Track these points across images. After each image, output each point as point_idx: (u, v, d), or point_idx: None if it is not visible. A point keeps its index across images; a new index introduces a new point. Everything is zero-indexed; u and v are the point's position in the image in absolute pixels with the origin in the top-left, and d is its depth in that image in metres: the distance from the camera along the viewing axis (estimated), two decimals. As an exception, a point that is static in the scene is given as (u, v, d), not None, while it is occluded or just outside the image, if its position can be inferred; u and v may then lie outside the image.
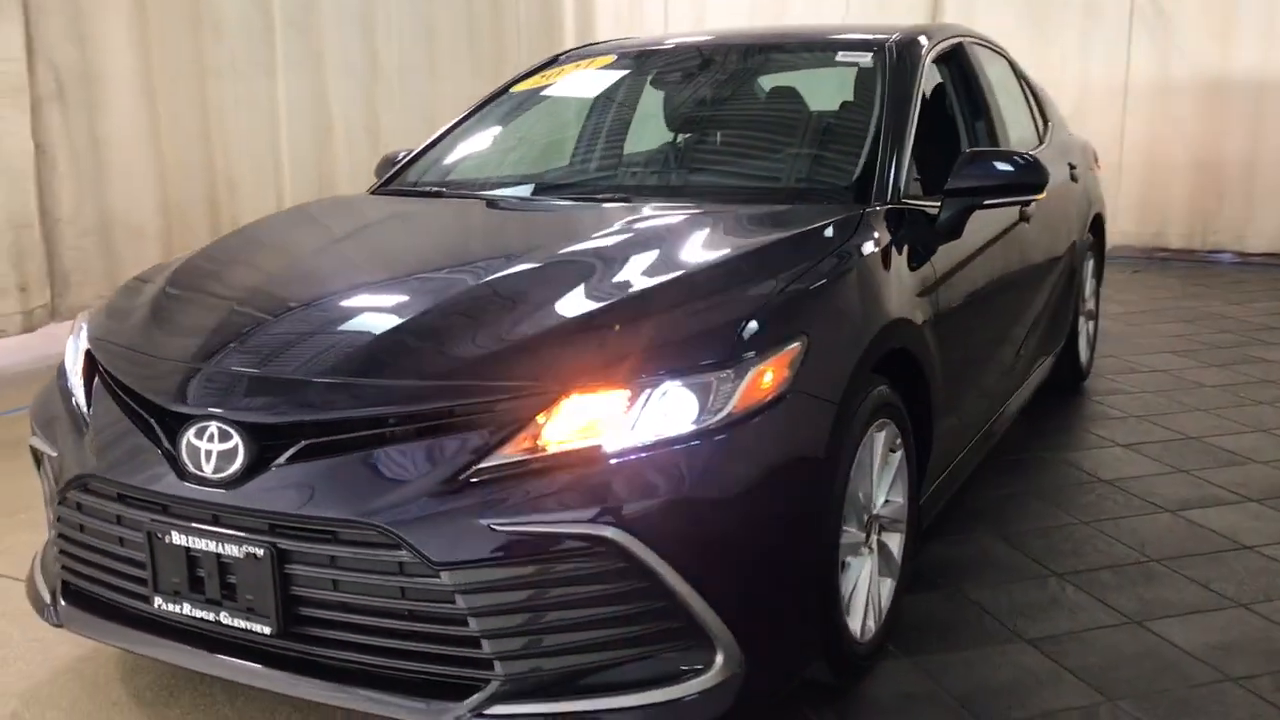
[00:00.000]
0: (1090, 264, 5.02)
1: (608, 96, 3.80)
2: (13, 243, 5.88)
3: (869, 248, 2.66)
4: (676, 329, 2.20)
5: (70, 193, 6.20)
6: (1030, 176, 3.03)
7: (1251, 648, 2.75)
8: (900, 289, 2.70)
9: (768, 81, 3.67)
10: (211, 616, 2.17)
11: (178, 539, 2.16)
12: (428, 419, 2.07)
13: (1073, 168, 4.57)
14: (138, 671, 2.69)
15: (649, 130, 3.60)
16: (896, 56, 3.39)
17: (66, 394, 2.52)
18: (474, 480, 2.00)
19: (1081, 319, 4.96)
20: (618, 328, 2.21)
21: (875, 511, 2.62)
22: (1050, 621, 2.89)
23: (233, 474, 2.10)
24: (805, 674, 2.41)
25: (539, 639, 2.01)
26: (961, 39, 3.90)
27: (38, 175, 6.06)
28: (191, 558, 2.15)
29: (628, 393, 2.06)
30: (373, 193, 3.53)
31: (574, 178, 3.55)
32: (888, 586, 2.74)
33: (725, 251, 2.61)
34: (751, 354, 2.14)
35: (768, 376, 2.15)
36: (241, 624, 2.14)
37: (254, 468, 2.09)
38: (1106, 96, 8.58)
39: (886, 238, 2.75)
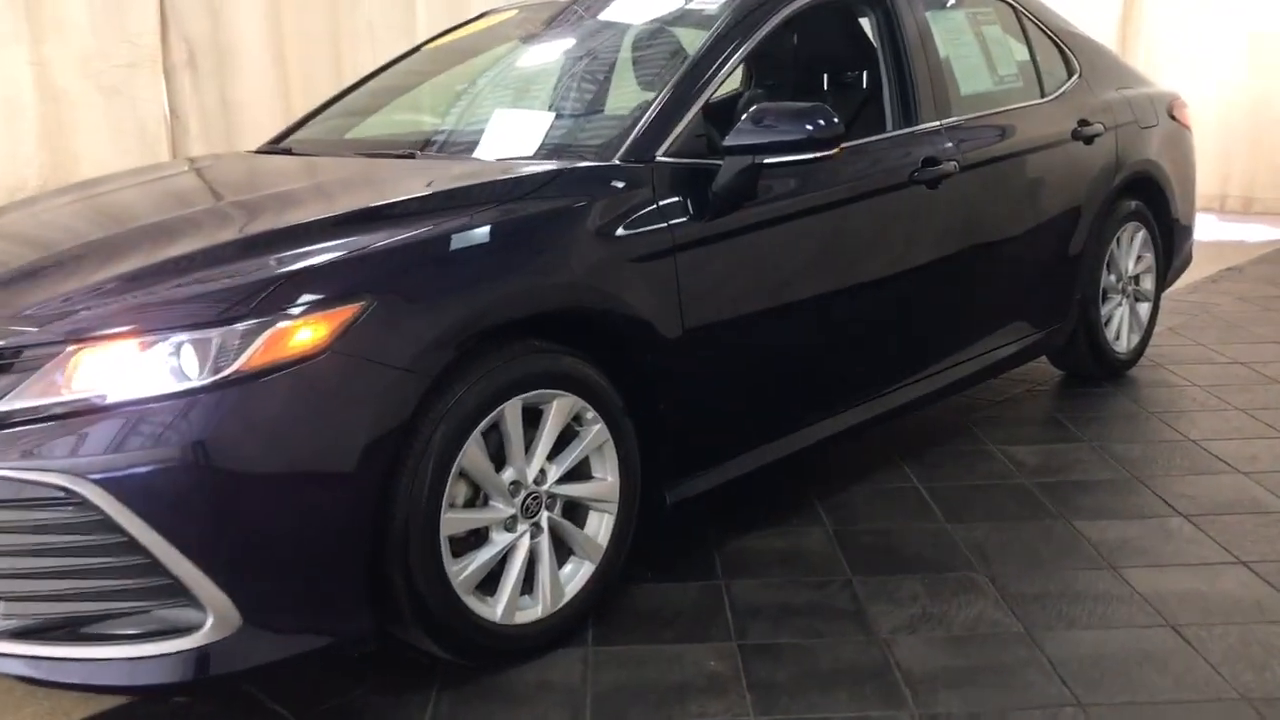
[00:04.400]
0: (1138, 236, 4.40)
1: (479, 55, 3.72)
2: (140, 199, 6.50)
3: (543, 206, 2.49)
4: (208, 284, 2.15)
5: (201, 152, 6.77)
6: (820, 133, 2.71)
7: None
8: (593, 252, 2.50)
9: (611, 37, 3.47)
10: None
11: None
12: None
13: (1084, 125, 4.01)
14: None
15: (486, 87, 3.51)
16: (743, 4, 3.12)
17: None
18: (-19, 425, 2.06)
19: (1119, 299, 4.36)
20: (157, 283, 2.18)
21: (544, 488, 2.47)
22: (786, 627, 2.61)
23: None
24: (386, 644, 2.34)
25: (34, 583, 2.05)
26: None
27: (171, 138, 6.68)
28: None
29: (135, 345, 2.05)
30: (256, 151, 3.64)
31: (384, 132, 3.52)
32: (583, 570, 2.58)
33: (357, 205, 2.52)
34: (277, 312, 2.07)
35: (302, 335, 2.07)
36: None
37: None
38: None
39: (599, 197, 2.56)
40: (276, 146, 3.56)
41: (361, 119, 3.71)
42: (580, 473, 2.56)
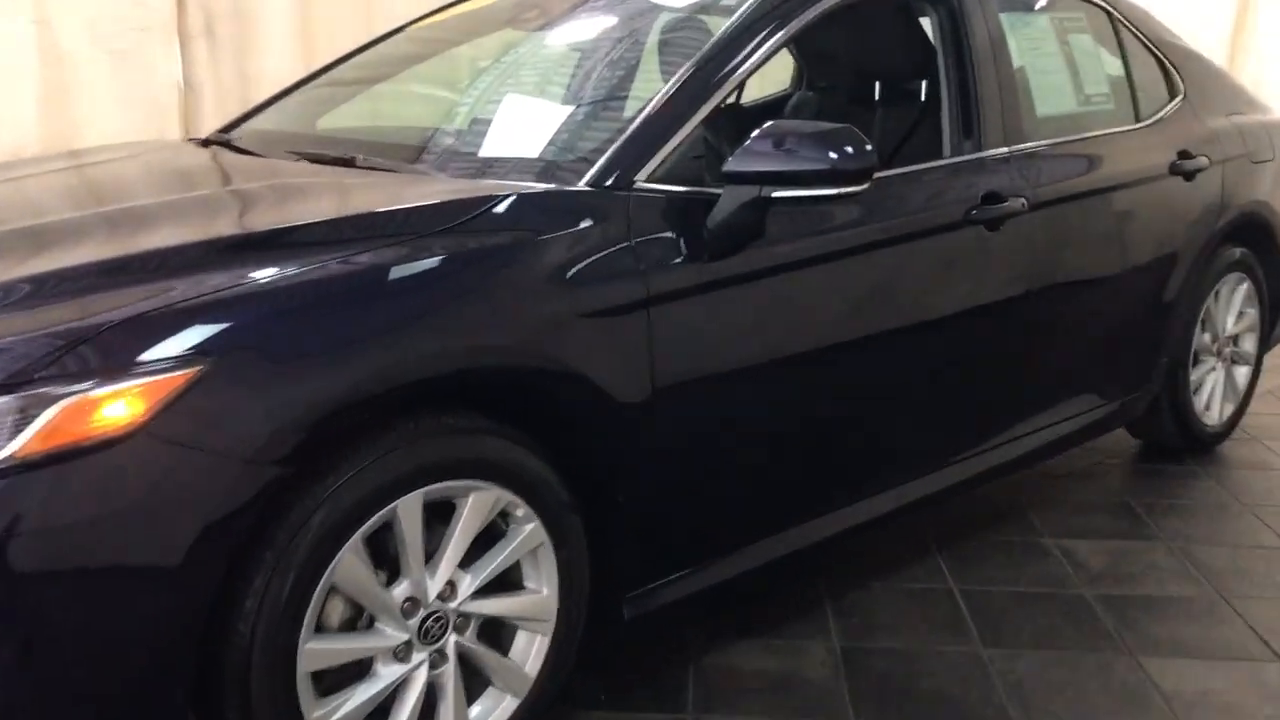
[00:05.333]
0: (1240, 289, 3.74)
1: (475, 38, 3.16)
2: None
3: (473, 241, 1.93)
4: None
5: (215, 126, 6.31)
6: (845, 163, 2.12)
7: None
8: (532, 303, 1.93)
9: (635, 24, 2.88)
10: None
11: None
12: None
13: (1186, 157, 3.36)
14: None
15: (473, 78, 2.95)
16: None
17: None
18: None
19: (1213, 363, 3.71)
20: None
21: (452, 605, 1.93)
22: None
23: None
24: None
25: None
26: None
27: (183, 110, 6.23)
28: None
29: (-116, 415, 1.53)
30: (204, 140, 3.12)
31: (353, 124, 2.99)
32: (503, 705, 2.03)
33: (230, 231, 2.00)
34: (73, 379, 1.54)
35: (109, 411, 1.55)
36: None
37: None
38: None
39: (547, 231, 2.00)
40: (223, 135, 3.05)
41: (335, 105, 3.19)
42: (507, 581, 2.02)
